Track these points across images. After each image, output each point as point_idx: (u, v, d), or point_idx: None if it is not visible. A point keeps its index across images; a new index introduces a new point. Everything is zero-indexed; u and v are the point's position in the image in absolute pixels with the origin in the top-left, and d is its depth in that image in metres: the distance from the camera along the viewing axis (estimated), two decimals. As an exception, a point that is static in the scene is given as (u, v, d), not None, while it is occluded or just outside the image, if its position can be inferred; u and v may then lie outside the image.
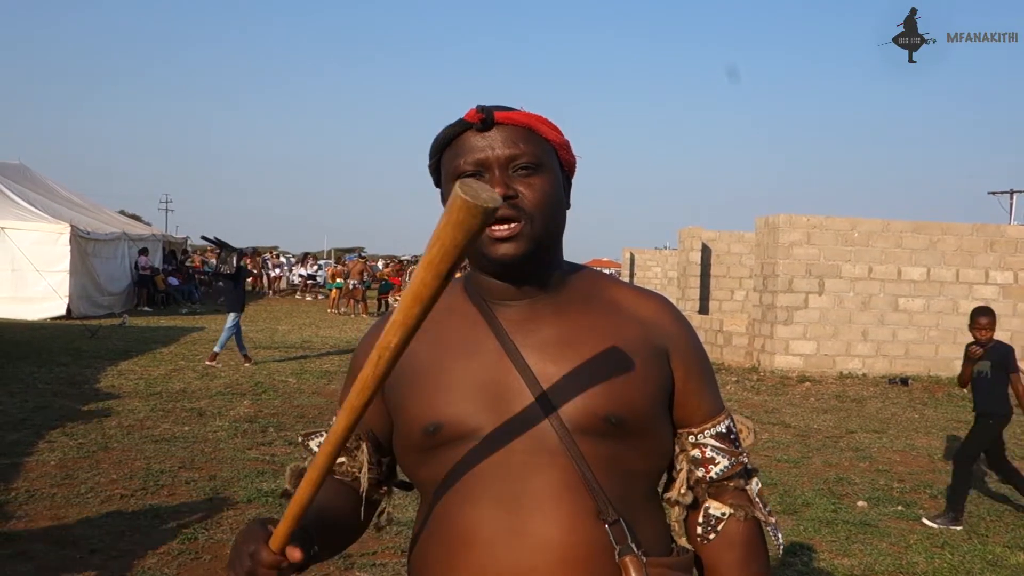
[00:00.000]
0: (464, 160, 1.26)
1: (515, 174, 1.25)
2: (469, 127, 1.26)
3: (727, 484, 1.32)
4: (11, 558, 4.22)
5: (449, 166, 1.29)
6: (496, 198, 0.93)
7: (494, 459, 1.21)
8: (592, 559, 1.17)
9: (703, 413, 1.33)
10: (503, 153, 1.25)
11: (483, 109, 1.26)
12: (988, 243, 12.63)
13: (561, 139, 1.31)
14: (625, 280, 19.61)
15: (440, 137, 1.30)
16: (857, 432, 8.63)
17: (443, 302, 1.37)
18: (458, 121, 1.28)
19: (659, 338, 1.31)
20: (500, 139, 1.25)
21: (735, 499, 1.31)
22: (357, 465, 1.37)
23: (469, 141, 1.26)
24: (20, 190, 18.52)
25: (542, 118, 1.30)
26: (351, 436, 1.37)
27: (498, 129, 1.26)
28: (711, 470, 1.31)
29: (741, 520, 1.30)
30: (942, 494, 6.17)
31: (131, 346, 13.03)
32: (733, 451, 1.33)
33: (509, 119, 1.26)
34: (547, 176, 1.27)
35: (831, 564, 4.62)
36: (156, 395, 8.97)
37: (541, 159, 1.27)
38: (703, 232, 17.93)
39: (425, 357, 1.29)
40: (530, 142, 1.27)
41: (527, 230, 1.24)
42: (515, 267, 1.26)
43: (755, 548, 1.31)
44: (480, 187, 0.94)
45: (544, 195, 1.26)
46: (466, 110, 1.30)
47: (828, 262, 12.35)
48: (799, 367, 12.25)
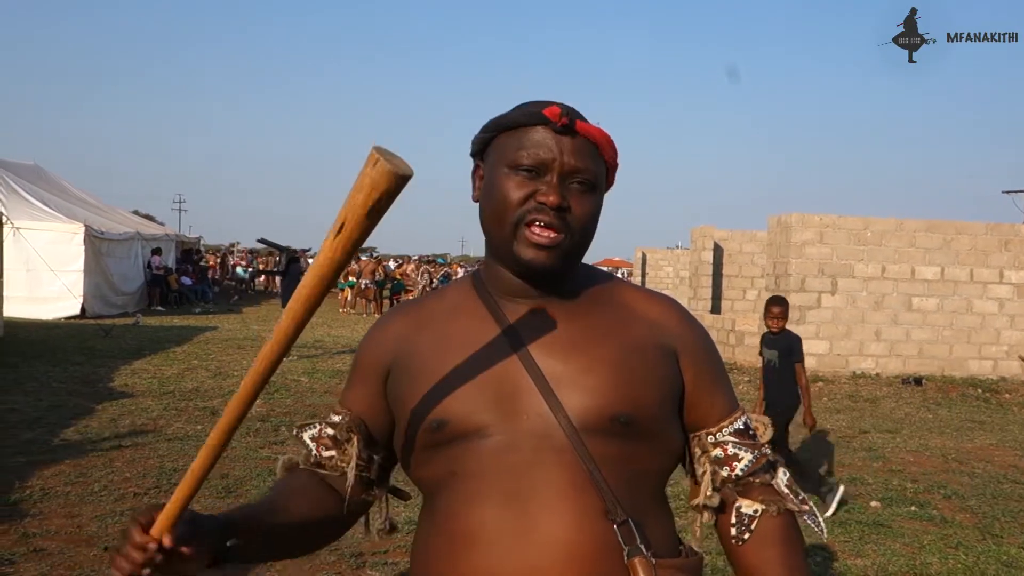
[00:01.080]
0: (528, 152, 1.23)
1: (571, 186, 1.24)
2: (546, 122, 1.23)
3: (753, 481, 1.30)
4: (25, 556, 4.25)
5: (506, 152, 1.25)
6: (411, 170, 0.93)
7: (500, 457, 1.19)
8: (599, 559, 1.16)
9: (719, 412, 1.32)
10: (570, 164, 1.23)
11: (567, 113, 1.23)
12: (1003, 242, 12.55)
13: (616, 162, 1.30)
14: (636, 280, 19.56)
15: (507, 119, 1.26)
16: (870, 432, 8.59)
17: (450, 299, 1.37)
18: (536, 113, 1.23)
19: (668, 339, 1.30)
20: (570, 148, 1.23)
21: (764, 495, 1.29)
22: (346, 459, 1.35)
23: (539, 135, 1.23)
24: (34, 190, 18.62)
25: (611, 139, 1.27)
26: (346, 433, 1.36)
27: (572, 137, 1.23)
28: (736, 467, 1.29)
29: (774, 515, 1.28)
30: (956, 494, 6.13)
31: (144, 345, 13.09)
32: (755, 444, 1.32)
33: (586, 131, 1.24)
34: (597, 196, 1.27)
35: (844, 564, 4.59)
36: (169, 394, 9.01)
37: (598, 180, 1.26)
38: (715, 231, 17.88)
39: (430, 354, 1.28)
40: (594, 160, 1.25)
41: (566, 244, 1.24)
42: (544, 275, 1.26)
43: (793, 542, 1.29)
44: (394, 156, 0.93)
45: (591, 215, 1.26)
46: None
47: (841, 261, 12.29)
48: (812, 367, 12.18)
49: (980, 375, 12.26)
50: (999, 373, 12.34)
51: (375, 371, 1.34)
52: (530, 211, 1.22)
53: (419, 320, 1.35)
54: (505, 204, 1.23)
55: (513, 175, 1.24)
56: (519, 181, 1.23)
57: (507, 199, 1.23)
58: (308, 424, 1.42)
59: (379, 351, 1.35)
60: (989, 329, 12.45)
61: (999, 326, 12.46)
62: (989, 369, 12.38)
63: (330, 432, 1.36)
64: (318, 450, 1.37)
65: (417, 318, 1.36)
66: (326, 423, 1.37)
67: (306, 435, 1.40)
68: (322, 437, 1.37)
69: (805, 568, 1.29)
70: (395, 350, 1.33)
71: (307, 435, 1.40)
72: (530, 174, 1.23)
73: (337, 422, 1.36)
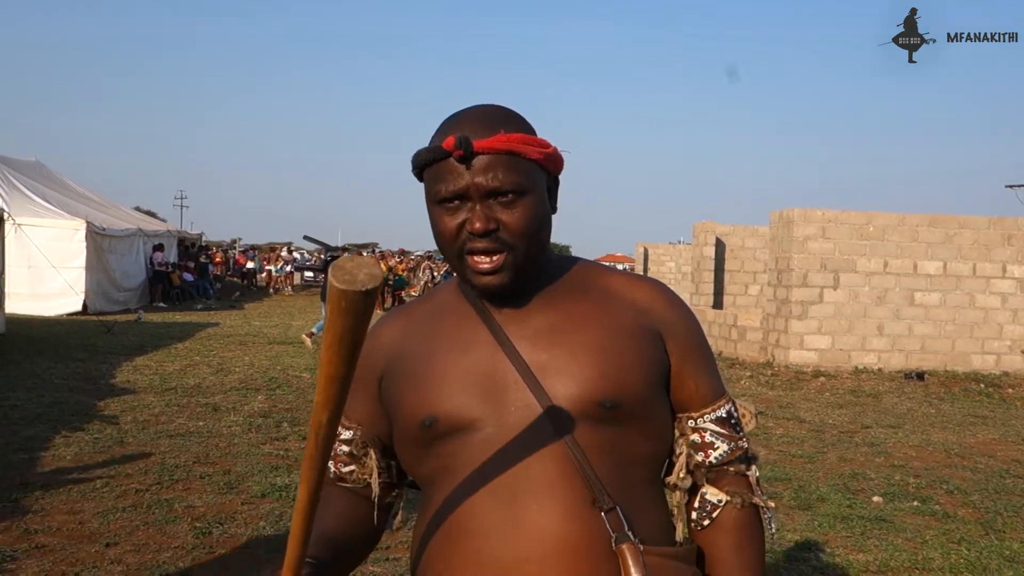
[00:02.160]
0: (444, 187, 1.22)
1: (496, 200, 1.22)
2: (448, 155, 1.21)
3: (727, 469, 1.31)
4: (27, 552, 4.25)
5: (431, 188, 1.25)
6: (375, 275, 0.90)
7: (490, 450, 1.20)
8: (589, 547, 1.16)
9: (702, 397, 1.32)
10: (483, 184, 1.20)
11: (461, 142, 1.20)
12: (1005, 237, 12.53)
13: (546, 152, 1.26)
14: (634, 272, 19.63)
15: (419, 159, 1.25)
16: (872, 427, 8.58)
17: (437, 300, 1.39)
18: (436, 148, 1.22)
19: (653, 322, 1.30)
20: (480, 169, 1.20)
21: (734, 485, 1.30)
22: (367, 472, 1.37)
23: (449, 166, 1.21)
24: (36, 187, 18.64)
25: (524, 139, 1.23)
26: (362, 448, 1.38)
27: (478, 158, 1.20)
28: (710, 455, 1.30)
29: (738, 507, 1.29)
30: (959, 489, 6.13)
31: (146, 342, 13.11)
32: (733, 436, 1.32)
33: (489, 148, 1.20)
34: (531, 200, 1.23)
35: (846, 560, 4.59)
36: (171, 390, 9.02)
37: (524, 185, 1.22)
38: (717, 227, 17.86)
39: (419, 354, 1.30)
40: (513, 170, 1.21)
41: (510, 260, 1.23)
42: (500, 295, 1.27)
43: (749, 534, 1.30)
44: (355, 266, 0.91)
45: (527, 222, 1.23)
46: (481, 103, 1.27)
47: (843, 256, 12.27)
48: (814, 362, 12.18)
49: (983, 370, 12.25)
50: (1002, 368, 12.33)
51: (370, 379, 1.36)
52: (466, 241, 1.23)
53: (408, 324, 1.37)
54: (444, 238, 1.25)
55: (443, 210, 1.24)
56: (448, 215, 1.24)
57: (444, 233, 1.25)
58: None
59: (372, 359, 1.36)
60: (992, 324, 12.43)
61: (1002, 321, 12.45)
62: (992, 364, 12.37)
63: (345, 449, 1.38)
64: (336, 467, 1.39)
65: (407, 322, 1.38)
66: (339, 440, 1.38)
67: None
68: (338, 455, 1.38)
69: (759, 562, 1.30)
70: (386, 356, 1.35)
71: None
72: (456, 203, 1.23)
73: (350, 438, 1.38)
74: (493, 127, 1.22)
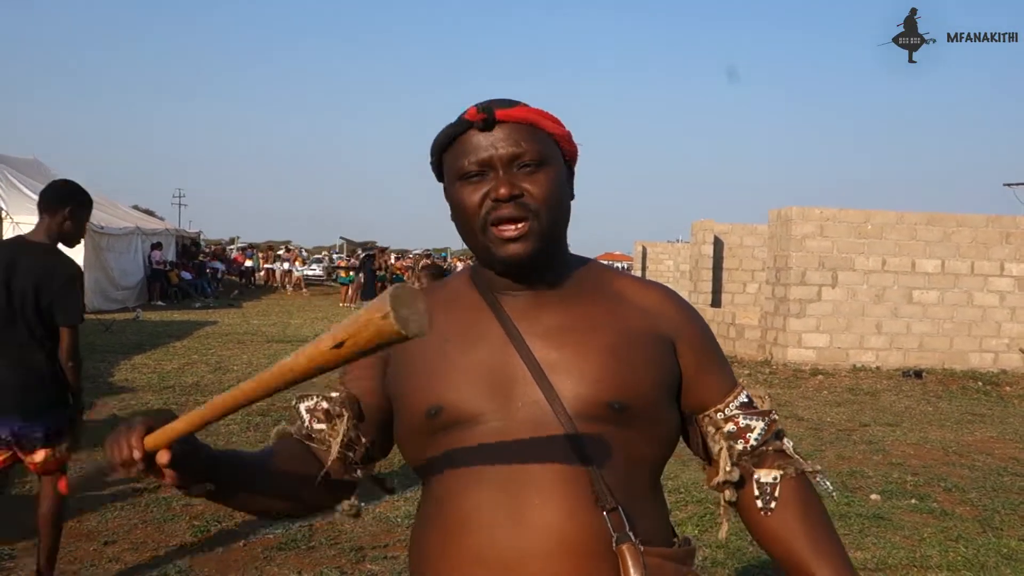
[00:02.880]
0: (468, 160, 1.25)
1: (519, 171, 1.25)
2: (470, 126, 1.25)
3: (767, 449, 1.33)
4: (26, 550, 4.25)
5: (452, 166, 1.28)
6: (423, 328, 0.91)
7: (494, 444, 1.21)
8: (589, 545, 1.17)
9: (722, 391, 1.34)
10: (506, 152, 1.24)
11: (483, 108, 1.25)
12: (1003, 235, 12.53)
13: (563, 131, 1.31)
14: (637, 274, 19.65)
15: (441, 137, 1.29)
16: (870, 425, 8.59)
17: (449, 290, 1.39)
18: (459, 120, 1.27)
19: (664, 327, 1.31)
20: (502, 138, 1.25)
21: (778, 460, 1.32)
22: (334, 434, 1.35)
23: (471, 141, 1.25)
24: (34, 185, 18.58)
25: (543, 112, 1.29)
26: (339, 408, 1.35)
27: (500, 127, 1.25)
28: (749, 439, 1.32)
29: (792, 478, 1.31)
30: (956, 487, 6.13)
31: (145, 340, 13.11)
32: (763, 412, 1.34)
33: (510, 116, 1.25)
34: (551, 171, 1.27)
35: (844, 557, 4.59)
36: (169, 389, 9.01)
37: (545, 155, 1.27)
38: (715, 225, 17.86)
39: (429, 343, 1.29)
40: (533, 139, 1.26)
41: (535, 227, 1.24)
42: (523, 266, 1.27)
43: (814, 502, 1.33)
44: (414, 309, 0.91)
45: (549, 191, 1.26)
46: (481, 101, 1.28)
47: (841, 255, 12.28)
48: (812, 360, 12.19)
49: (981, 368, 12.26)
50: (1000, 366, 12.34)
51: (377, 358, 1.36)
52: (490, 211, 1.25)
53: None
54: (467, 213, 1.27)
55: (465, 184, 1.27)
56: (472, 188, 1.26)
57: (467, 207, 1.27)
58: (307, 395, 1.42)
59: None
60: (990, 322, 12.44)
61: (1000, 319, 12.46)
62: (990, 362, 12.38)
63: (324, 405, 1.37)
64: (310, 421, 1.38)
65: None
66: (323, 396, 1.39)
67: (302, 405, 1.41)
68: (317, 409, 1.38)
69: (831, 524, 1.33)
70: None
71: (303, 405, 1.40)
72: (479, 177, 1.25)
73: (333, 397, 1.38)
74: (513, 102, 1.28)
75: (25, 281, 3.46)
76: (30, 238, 3.64)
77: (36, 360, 3.48)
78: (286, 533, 4.61)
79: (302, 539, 4.50)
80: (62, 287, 3.53)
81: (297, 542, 4.48)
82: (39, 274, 3.48)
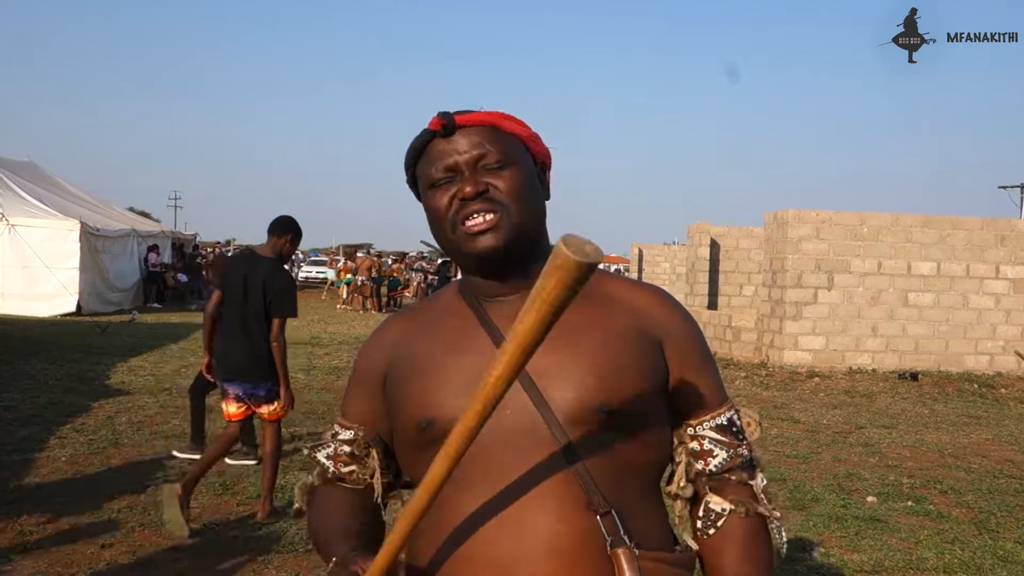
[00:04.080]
0: (435, 168, 1.29)
1: (485, 171, 1.27)
2: (434, 135, 1.29)
3: (728, 478, 1.30)
4: (24, 552, 4.24)
5: (423, 177, 1.32)
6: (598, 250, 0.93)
7: (485, 452, 1.20)
8: (583, 550, 1.16)
9: (702, 405, 1.31)
10: (469, 155, 1.27)
11: (444, 115, 1.29)
12: (999, 237, 12.56)
13: (527, 131, 1.33)
14: (633, 276, 19.67)
15: (409, 151, 1.33)
16: (867, 427, 8.60)
17: (439, 303, 1.40)
18: (422, 131, 1.31)
19: (653, 328, 1.30)
20: (465, 142, 1.28)
21: (737, 494, 1.29)
22: (368, 472, 1.38)
23: (437, 148, 1.29)
24: (30, 187, 18.58)
25: (503, 114, 1.32)
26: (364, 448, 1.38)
27: (462, 133, 1.28)
28: (710, 463, 1.30)
29: (742, 516, 1.28)
30: (952, 489, 6.15)
31: (141, 342, 13.08)
32: (733, 443, 1.31)
33: (470, 120, 1.29)
34: (517, 169, 1.29)
35: (840, 560, 4.60)
36: (166, 391, 9.00)
37: (508, 154, 1.29)
38: (712, 227, 17.88)
39: (421, 356, 1.31)
40: (496, 140, 1.29)
41: (504, 220, 1.26)
42: (496, 259, 1.27)
43: (756, 543, 1.29)
44: (581, 241, 0.94)
45: (516, 185, 1.28)
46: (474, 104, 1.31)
47: (837, 257, 12.30)
48: (808, 362, 12.21)
49: (976, 370, 12.28)
50: (995, 368, 12.36)
51: (374, 379, 1.38)
52: (458, 211, 1.27)
53: (413, 326, 1.38)
54: (439, 216, 1.29)
55: (436, 191, 1.30)
56: (441, 192, 1.29)
57: (438, 211, 1.29)
58: (320, 445, 1.43)
59: (376, 359, 1.38)
60: (985, 324, 12.47)
61: (995, 321, 12.48)
62: (985, 364, 12.41)
63: (347, 450, 1.39)
64: (336, 467, 1.40)
65: (412, 324, 1.39)
66: (339, 441, 1.40)
67: (321, 455, 1.42)
68: (339, 455, 1.39)
69: (764, 572, 1.28)
70: (390, 357, 1.36)
71: (322, 455, 1.42)
72: (447, 183, 1.28)
73: (351, 438, 1.39)
74: (473, 109, 1.31)
75: (257, 283, 4.77)
76: (260, 252, 5.01)
77: (260, 341, 4.77)
78: (284, 536, 4.61)
79: (299, 541, 4.50)
80: (281, 290, 4.83)
81: (295, 545, 4.48)
82: (267, 279, 4.79)
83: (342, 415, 1.42)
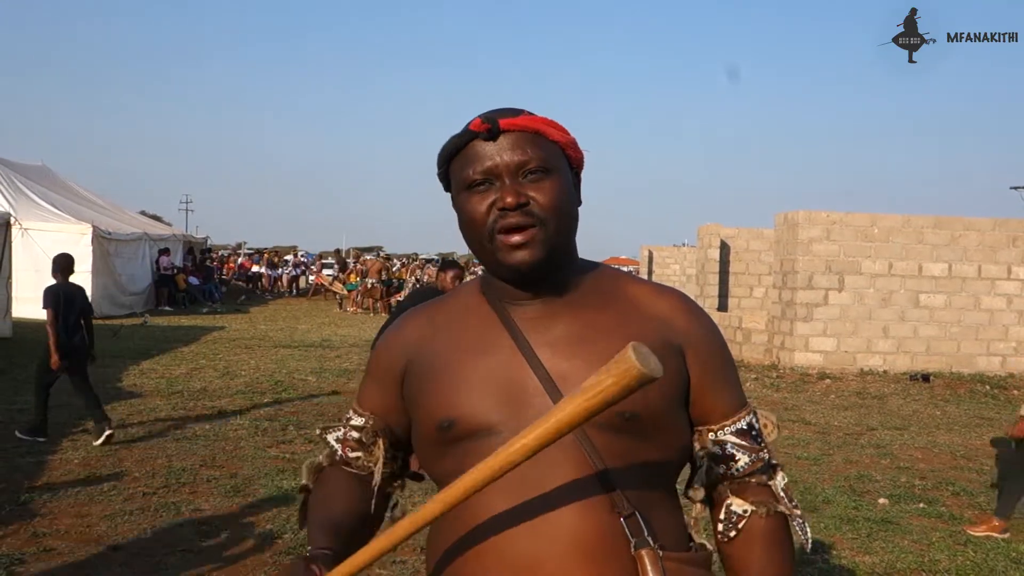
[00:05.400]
0: (473, 170, 1.26)
1: (525, 179, 1.25)
2: (475, 136, 1.26)
3: (749, 480, 1.31)
4: (35, 555, 4.27)
5: (459, 176, 1.29)
6: (660, 368, 1.00)
7: None
8: (607, 550, 1.18)
9: (723, 409, 1.32)
10: (511, 160, 1.25)
11: (487, 118, 1.26)
12: (1011, 238, 12.50)
13: (568, 138, 1.31)
14: (644, 277, 19.65)
15: (447, 147, 1.30)
16: (878, 429, 8.57)
17: (459, 301, 1.40)
18: (464, 131, 1.28)
19: (674, 334, 1.30)
20: (507, 146, 1.25)
21: (758, 496, 1.30)
22: (373, 460, 1.39)
23: (476, 150, 1.26)
24: (42, 191, 18.67)
25: (548, 120, 1.29)
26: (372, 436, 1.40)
27: (504, 136, 1.25)
28: (732, 467, 1.31)
29: (763, 516, 1.29)
30: (965, 491, 6.12)
31: (152, 345, 13.14)
32: (753, 447, 1.32)
33: (514, 125, 1.26)
34: (557, 179, 1.27)
35: (852, 562, 4.59)
36: (177, 394, 9.04)
37: (550, 162, 1.27)
38: (722, 229, 17.84)
39: (442, 355, 1.31)
40: (538, 146, 1.26)
41: (541, 235, 1.25)
42: (531, 273, 1.27)
43: (778, 543, 1.29)
44: (648, 354, 1.00)
45: (556, 198, 1.26)
46: (487, 109, 1.30)
47: (848, 258, 12.26)
48: (819, 364, 12.17)
49: (988, 372, 12.22)
50: (1007, 369, 12.29)
51: (391, 374, 1.38)
52: (497, 220, 1.25)
53: (433, 323, 1.38)
54: (474, 222, 1.28)
55: (472, 194, 1.27)
56: (478, 197, 1.27)
57: (474, 217, 1.27)
58: (332, 427, 1.46)
59: (395, 354, 1.39)
60: (997, 325, 12.40)
61: (1007, 322, 12.42)
62: (997, 365, 12.34)
63: (355, 436, 1.40)
64: (344, 451, 1.42)
65: (431, 321, 1.39)
66: (350, 426, 1.42)
67: (331, 437, 1.44)
68: (347, 440, 1.41)
69: (786, 571, 1.29)
70: (410, 353, 1.36)
71: (332, 437, 1.44)
72: (485, 186, 1.26)
73: (361, 425, 1.40)
74: (517, 111, 1.29)
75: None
76: (439, 287, 5.76)
77: None
78: (294, 538, 4.63)
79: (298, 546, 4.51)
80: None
81: (305, 546, 4.49)
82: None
83: (357, 402, 1.44)
